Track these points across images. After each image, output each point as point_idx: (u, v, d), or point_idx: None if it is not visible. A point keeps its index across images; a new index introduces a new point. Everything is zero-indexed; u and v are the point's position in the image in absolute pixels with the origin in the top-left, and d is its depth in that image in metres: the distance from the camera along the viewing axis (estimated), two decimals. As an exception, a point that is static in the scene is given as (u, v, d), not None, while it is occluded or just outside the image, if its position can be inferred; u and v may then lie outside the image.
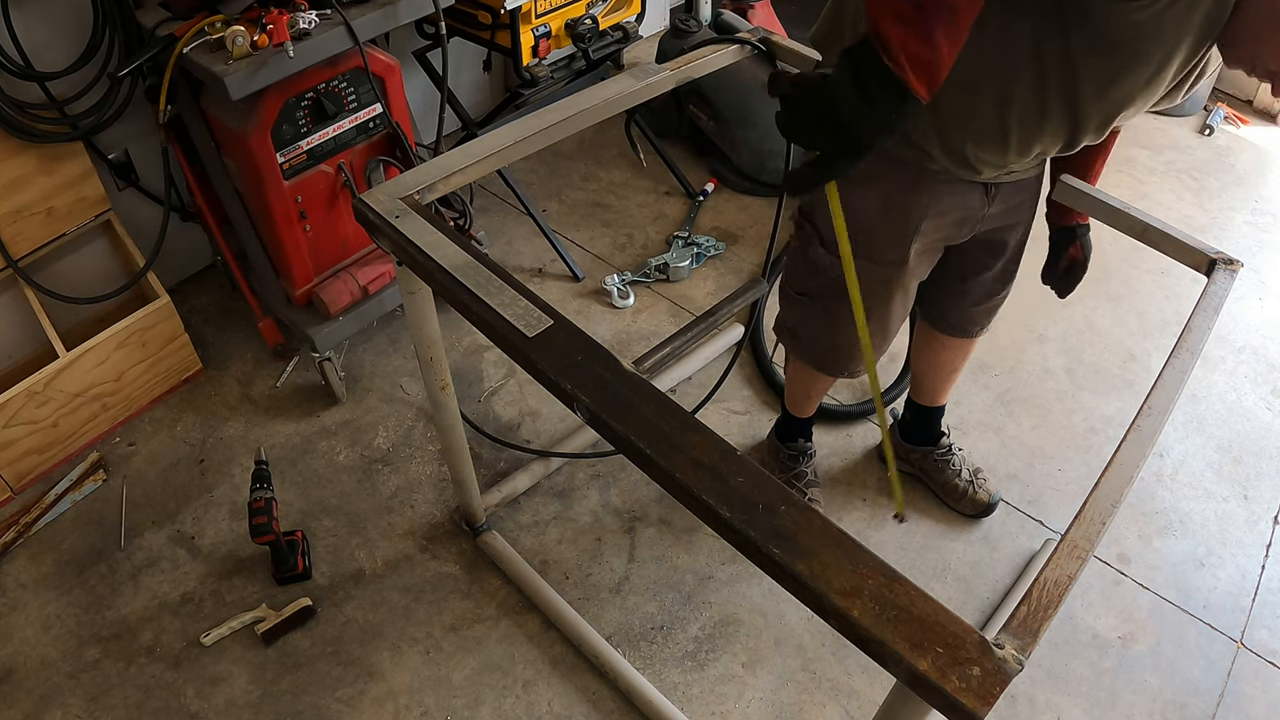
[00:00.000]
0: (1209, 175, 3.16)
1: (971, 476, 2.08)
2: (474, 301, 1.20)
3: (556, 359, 1.12)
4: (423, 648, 1.84)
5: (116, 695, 1.76)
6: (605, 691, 1.77)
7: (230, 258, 2.26)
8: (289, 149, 1.97)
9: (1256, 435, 2.31)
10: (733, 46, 1.73)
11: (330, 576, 1.95)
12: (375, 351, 2.43)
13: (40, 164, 1.96)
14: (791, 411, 2.05)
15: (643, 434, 1.03)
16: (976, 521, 2.07)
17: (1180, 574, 2.01)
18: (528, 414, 2.29)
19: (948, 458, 2.08)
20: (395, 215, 1.32)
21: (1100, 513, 1.05)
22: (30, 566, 1.95)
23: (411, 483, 2.13)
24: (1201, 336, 1.31)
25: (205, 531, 2.02)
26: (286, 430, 2.23)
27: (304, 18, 1.79)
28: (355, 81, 2.01)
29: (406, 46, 2.51)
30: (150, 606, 1.89)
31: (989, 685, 0.82)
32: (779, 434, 2.11)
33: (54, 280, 2.11)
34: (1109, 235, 1.70)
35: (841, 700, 1.78)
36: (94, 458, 2.12)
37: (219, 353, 2.40)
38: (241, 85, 1.73)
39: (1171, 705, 1.80)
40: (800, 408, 2.03)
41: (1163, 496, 2.16)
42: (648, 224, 2.88)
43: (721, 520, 0.96)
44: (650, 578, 1.97)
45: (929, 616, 0.87)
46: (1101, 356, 2.49)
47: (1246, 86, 3.51)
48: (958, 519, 2.08)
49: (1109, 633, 1.90)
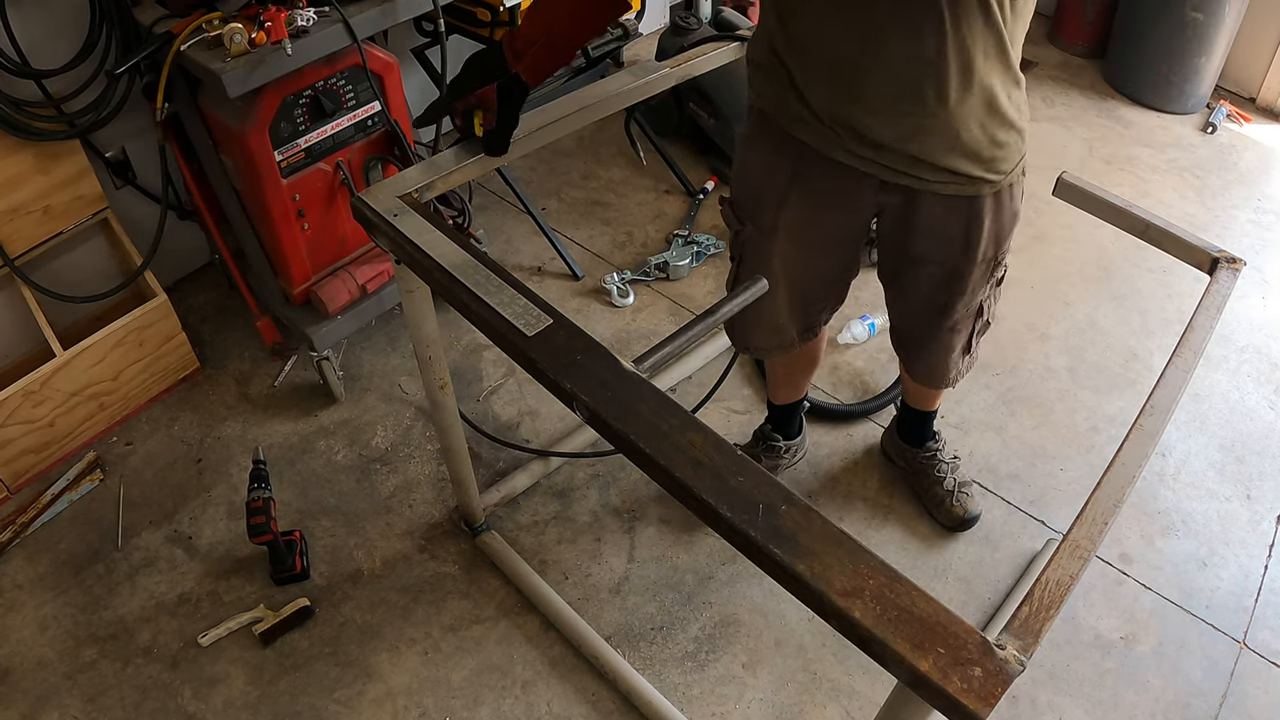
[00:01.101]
0: (1211, 173, 3.15)
1: (955, 487, 2.02)
2: (473, 300, 1.20)
3: (556, 358, 1.12)
4: (421, 648, 1.83)
5: (114, 696, 1.75)
6: (605, 692, 1.77)
7: (228, 256, 2.25)
8: (287, 147, 1.96)
9: (1259, 435, 2.30)
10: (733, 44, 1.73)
11: (328, 577, 1.94)
12: (374, 350, 2.42)
13: (37, 162, 1.95)
14: (769, 398, 2.06)
15: (642, 433, 1.03)
16: (977, 521, 2.06)
17: (1183, 574, 2.00)
18: (527, 413, 2.28)
19: (932, 462, 2.05)
20: (394, 213, 1.32)
21: (1102, 512, 1.05)
22: (27, 567, 1.95)
23: (410, 482, 2.12)
24: (1204, 335, 1.31)
25: (203, 531, 2.01)
26: (284, 430, 2.22)
27: (302, 15, 1.79)
28: (353, 79, 2.00)
29: (405, 44, 2.50)
30: (147, 607, 1.88)
31: (990, 686, 0.82)
32: (763, 425, 2.12)
33: (51, 279, 2.10)
34: (1111, 234, 1.70)
35: (842, 701, 1.77)
36: (91, 457, 2.12)
37: (217, 352, 2.39)
38: (239, 83, 1.73)
39: (1174, 706, 1.79)
40: (773, 392, 2.04)
41: (1165, 496, 2.15)
42: (647, 222, 2.87)
43: (722, 520, 0.96)
44: (650, 578, 1.96)
45: (930, 617, 0.87)
46: (1104, 355, 2.48)
47: (1250, 84, 3.50)
48: (959, 519, 2.07)
49: (1111, 633, 1.89)
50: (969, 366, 1.75)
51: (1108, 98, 3.50)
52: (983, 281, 1.55)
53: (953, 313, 1.59)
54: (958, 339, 1.65)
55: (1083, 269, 2.72)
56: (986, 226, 1.44)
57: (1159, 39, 3.28)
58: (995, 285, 1.59)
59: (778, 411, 2.07)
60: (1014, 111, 1.31)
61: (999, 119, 1.30)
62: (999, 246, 1.50)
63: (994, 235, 1.47)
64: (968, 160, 1.33)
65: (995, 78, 1.24)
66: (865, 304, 2.52)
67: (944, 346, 1.67)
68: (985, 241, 1.47)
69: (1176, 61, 3.28)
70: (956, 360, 1.70)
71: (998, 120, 1.30)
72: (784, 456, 2.10)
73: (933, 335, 1.66)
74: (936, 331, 1.64)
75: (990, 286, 1.58)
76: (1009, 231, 1.49)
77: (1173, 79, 3.33)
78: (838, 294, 1.69)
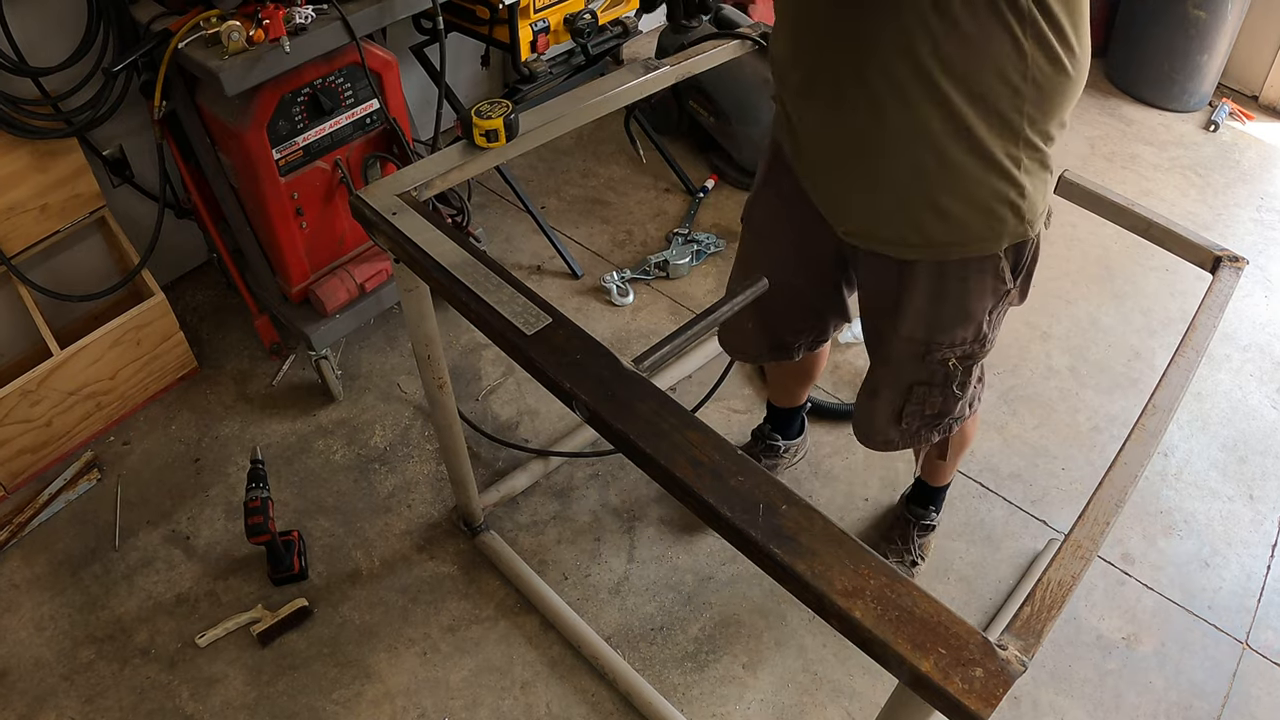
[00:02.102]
0: (1214, 171, 3.14)
1: (903, 555, 1.92)
2: (472, 299, 1.20)
3: (555, 357, 1.12)
4: (420, 649, 1.82)
5: (111, 697, 1.74)
6: (604, 693, 1.76)
7: (226, 255, 2.24)
8: (285, 145, 1.95)
9: (1262, 434, 2.29)
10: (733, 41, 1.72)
11: (327, 577, 1.93)
12: (372, 350, 2.41)
13: (34, 160, 1.95)
14: (769, 399, 2.06)
15: (642, 433, 1.02)
16: (979, 521, 2.06)
17: (1185, 574, 2.00)
18: (526, 412, 2.27)
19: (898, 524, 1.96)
20: (392, 212, 1.32)
21: (1104, 512, 1.05)
22: (24, 567, 1.94)
23: (409, 482, 2.11)
24: (1207, 334, 1.31)
25: (200, 531, 2.01)
26: (282, 429, 2.21)
27: (300, 12, 1.78)
28: (352, 77, 1.99)
29: (404, 41, 2.49)
30: (145, 607, 1.87)
31: (992, 687, 0.82)
32: (762, 424, 2.11)
33: (48, 278, 2.09)
34: (1113, 232, 1.69)
35: (843, 702, 1.77)
36: (88, 457, 2.11)
37: (214, 351, 2.39)
38: (237, 81, 1.72)
39: (1176, 707, 1.78)
40: (771, 394, 2.04)
41: (1167, 496, 2.15)
42: (647, 221, 2.86)
43: (722, 520, 0.95)
44: (650, 578, 1.95)
45: (931, 617, 0.87)
46: (1106, 354, 2.48)
47: (1253, 82, 3.50)
48: (959, 519, 2.07)
49: (1113, 634, 1.89)
50: (907, 440, 1.52)
51: (1109, 95, 3.50)
52: (912, 363, 1.39)
53: (875, 372, 1.49)
54: (878, 404, 1.49)
55: (1084, 267, 2.71)
56: (916, 300, 1.30)
57: (1161, 36, 3.27)
58: (940, 380, 1.40)
59: (776, 413, 2.06)
60: (974, 187, 1.17)
61: (947, 188, 1.17)
62: (931, 334, 1.34)
63: (925, 318, 1.32)
64: (894, 216, 1.22)
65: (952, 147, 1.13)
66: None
67: (866, 404, 1.53)
68: (913, 318, 1.32)
69: (1179, 59, 3.28)
70: (882, 426, 1.51)
71: (944, 188, 1.17)
72: (783, 457, 2.09)
73: (865, 383, 1.54)
74: (866, 381, 1.53)
75: (926, 374, 1.40)
76: (949, 326, 1.32)
77: (1175, 76, 3.32)
78: (809, 322, 1.59)
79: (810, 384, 1.94)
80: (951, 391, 1.43)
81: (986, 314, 1.33)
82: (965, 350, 1.37)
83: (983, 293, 1.30)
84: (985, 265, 1.26)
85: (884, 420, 1.51)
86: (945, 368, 1.38)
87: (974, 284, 1.28)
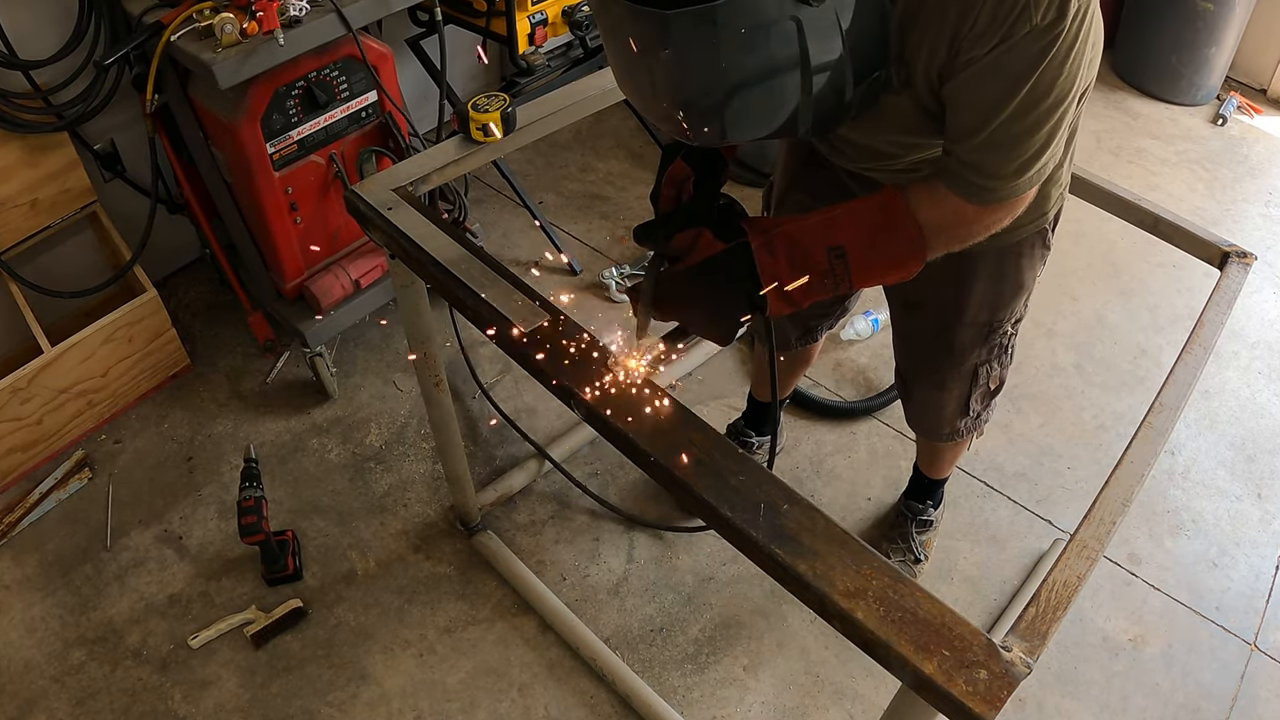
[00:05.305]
0: (1222, 166, 3.12)
1: (905, 553, 1.92)
2: (468, 296, 1.19)
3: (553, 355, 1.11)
4: (416, 650, 1.80)
5: (102, 699, 1.72)
6: (603, 695, 1.74)
7: (219, 251, 2.22)
8: (279, 139, 1.94)
9: (1271, 432, 2.27)
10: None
11: (321, 577, 1.91)
12: (367, 347, 2.39)
13: (24, 154, 1.93)
14: (751, 391, 2.06)
15: (642, 432, 1.02)
16: (984, 521, 2.04)
17: (1192, 575, 1.97)
18: (524, 410, 2.25)
19: (899, 522, 1.96)
20: (388, 207, 1.31)
21: (1110, 512, 1.05)
22: (14, 567, 1.92)
23: (404, 481, 2.09)
24: (1214, 331, 1.32)
25: (193, 531, 1.98)
26: (276, 427, 2.19)
27: (295, 4, 1.76)
28: (347, 70, 1.97)
29: (399, 34, 2.47)
30: (137, 608, 1.85)
31: (996, 689, 0.82)
32: (737, 420, 2.10)
33: (38, 274, 2.07)
34: (1120, 228, 1.67)
35: (845, 704, 1.75)
36: (79, 455, 2.09)
37: (207, 348, 2.37)
38: (230, 74, 1.70)
39: (1184, 709, 1.76)
40: (755, 387, 2.04)
41: (1174, 495, 2.12)
42: (647, 216, 2.83)
43: (722, 520, 0.95)
44: (649, 579, 1.93)
45: (935, 618, 0.86)
46: (1112, 352, 2.45)
47: (1261, 75, 3.47)
48: (960, 519, 2.04)
49: (1119, 635, 1.87)
50: (971, 428, 1.64)
51: (1116, 89, 3.47)
52: (976, 346, 1.47)
53: (940, 370, 1.53)
54: (948, 397, 1.57)
55: (1091, 264, 2.69)
56: (979, 288, 1.37)
57: (1168, 29, 3.25)
58: (998, 352, 1.50)
59: (756, 407, 2.06)
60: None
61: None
62: (994, 313, 1.42)
63: (989, 300, 1.40)
64: None
65: None
66: (868, 299, 2.48)
67: (935, 402, 1.59)
68: (976, 304, 1.40)
69: (1186, 52, 3.25)
70: (951, 417, 1.61)
71: None
72: (755, 453, 2.08)
73: (922, 387, 1.60)
74: (926, 384, 1.59)
75: (987, 351, 1.49)
76: (1008, 300, 1.42)
77: (1182, 70, 3.30)
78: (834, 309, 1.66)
79: (803, 373, 1.95)
80: (1008, 359, 1.53)
81: (1036, 279, 1.42)
82: (1018, 316, 1.47)
83: (1033, 263, 1.38)
84: (1036, 239, 1.34)
85: (954, 410, 1.58)
86: (1002, 339, 1.48)
87: (1026, 259, 1.36)
